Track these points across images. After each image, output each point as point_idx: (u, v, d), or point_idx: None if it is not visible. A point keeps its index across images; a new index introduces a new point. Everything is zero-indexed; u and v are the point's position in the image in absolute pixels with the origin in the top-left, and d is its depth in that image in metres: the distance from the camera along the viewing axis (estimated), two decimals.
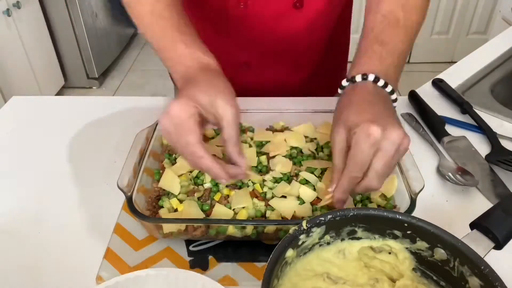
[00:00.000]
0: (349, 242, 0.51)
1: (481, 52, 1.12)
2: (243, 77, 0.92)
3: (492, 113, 0.88)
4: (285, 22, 0.84)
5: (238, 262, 0.59)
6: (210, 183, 0.64)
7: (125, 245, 0.61)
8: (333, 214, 0.48)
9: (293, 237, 0.46)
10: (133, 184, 0.60)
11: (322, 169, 0.66)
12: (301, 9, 0.82)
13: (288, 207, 0.60)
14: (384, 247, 0.51)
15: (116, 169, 0.62)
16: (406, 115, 0.87)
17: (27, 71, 2.39)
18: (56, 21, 2.61)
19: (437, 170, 0.73)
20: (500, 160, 0.74)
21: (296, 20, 0.84)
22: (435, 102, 0.90)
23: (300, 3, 0.81)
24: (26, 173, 0.75)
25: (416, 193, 0.58)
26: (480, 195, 0.69)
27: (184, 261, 0.59)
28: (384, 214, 0.48)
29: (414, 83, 1.20)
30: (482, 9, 2.93)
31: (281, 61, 0.91)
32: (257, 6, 0.81)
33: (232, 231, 0.57)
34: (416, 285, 0.48)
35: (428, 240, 0.47)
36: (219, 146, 0.70)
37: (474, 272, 0.43)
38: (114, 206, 0.67)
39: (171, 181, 0.63)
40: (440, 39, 3.06)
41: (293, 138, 0.72)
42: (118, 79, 3.06)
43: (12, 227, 0.64)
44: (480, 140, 0.81)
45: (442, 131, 0.81)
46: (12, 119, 0.90)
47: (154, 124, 0.72)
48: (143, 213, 0.57)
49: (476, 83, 0.99)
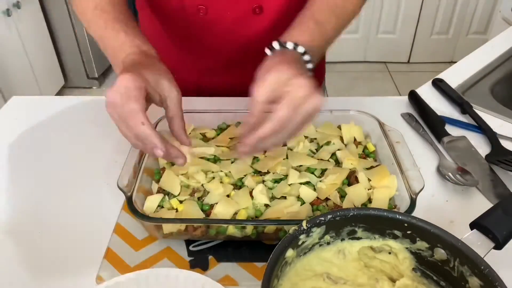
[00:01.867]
0: (349, 242, 0.51)
1: (481, 52, 1.12)
2: (209, 82, 0.94)
3: (492, 113, 0.88)
4: (245, 27, 0.84)
5: (238, 262, 0.59)
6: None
7: (125, 245, 0.61)
8: (333, 214, 0.48)
9: (293, 237, 0.46)
10: (133, 184, 0.60)
11: (322, 169, 0.66)
12: (260, 14, 0.82)
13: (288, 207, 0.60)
14: (384, 247, 0.51)
15: (116, 169, 0.62)
16: (406, 115, 0.87)
17: (27, 71, 2.39)
18: (56, 21, 2.60)
19: (437, 170, 0.73)
20: (500, 160, 0.74)
21: (257, 24, 0.84)
22: (435, 102, 0.90)
23: (259, 9, 0.82)
24: (26, 173, 0.75)
25: (416, 193, 0.58)
26: (480, 195, 0.69)
27: (184, 261, 0.59)
28: (384, 214, 0.48)
29: (414, 83, 1.20)
30: (482, 9, 2.93)
31: (245, 65, 0.91)
32: (216, 13, 0.82)
33: (232, 231, 0.57)
34: (416, 285, 0.48)
35: (428, 240, 0.47)
36: (219, 146, 0.71)
37: (474, 272, 0.43)
38: (114, 206, 0.67)
39: (171, 181, 0.63)
40: (440, 39, 3.06)
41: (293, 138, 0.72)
42: None
43: (12, 227, 0.64)
44: (480, 140, 0.81)
45: (442, 131, 0.81)
46: (12, 119, 0.90)
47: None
48: (143, 213, 0.57)
49: (476, 83, 0.99)
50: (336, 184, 0.63)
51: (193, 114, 0.76)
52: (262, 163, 0.67)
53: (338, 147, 0.71)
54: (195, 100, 0.91)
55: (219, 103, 0.88)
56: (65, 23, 2.61)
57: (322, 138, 0.72)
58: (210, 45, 0.88)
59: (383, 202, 0.61)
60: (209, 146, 0.70)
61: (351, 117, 0.75)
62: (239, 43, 0.87)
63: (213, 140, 0.73)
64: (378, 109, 0.79)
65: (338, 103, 0.93)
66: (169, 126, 0.60)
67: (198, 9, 0.81)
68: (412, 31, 3.00)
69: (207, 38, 0.87)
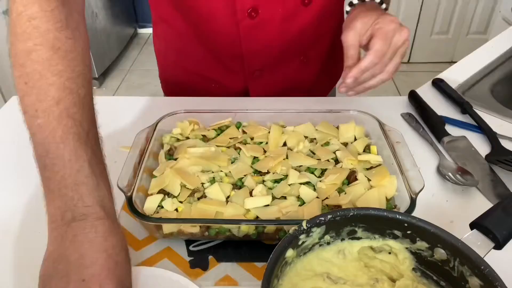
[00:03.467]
0: (349, 242, 0.51)
1: (481, 52, 1.12)
2: (256, 83, 0.93)
3: (492, 113, 0.88)
4: (294, 21, 0.84)
5: (238, 262, 0.59)
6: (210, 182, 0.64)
7: None
8: (333, 214, 0.48)
9: (293, 237, 0.46)
10: (133, 184, 0.60)
11: (322, 169, 0.66)
12: (309, 5, 0.82)
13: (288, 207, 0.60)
14: (384, 247, 0.51)
15: (116, 169, 0.62)
16: (406, 115, 0.87)
17: None
18: None
19: (437, 170, 0.73)
20: (500, 160, 0.74)
21: (305, 16, 0.84)
22: (435, 102, 0.90)
23: (308, 0, 0.82)
24: (26, 173, 0.75)
25: (416, 193, 0.58)
26: (480, 195, 0.69)
27: (184, 261, 0.59)
28: (384, 214, 0.48)
29: (414, 83, 1.20)
30: (482, 9, 2.93)
31: (291, 59, 0.91)
32: (267, 13, 0.81)
33: (246, 229, 0.57)
34: (416, 285, 0.48)
35: (428, 240, 0.47)
36: (219, 146, 0.71)
37: (474, 272, 0.43)
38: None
39: (171, 182, 0.63)
40: (440, 39, 3.06)
41: (293, 138, 0.72)
42: (118, 79, 3.06)
43: (12, 227, 0.64)
44: (480, 140, 0.81)
45: (442, 131, 0.81)
46: (12, 119, 0.90)
47: (154, 124, 0.72)
48: (143, 213, 0.57)
49: (476, 83, 0.99)
50: (336, 184, 0.63)
51: (194, 114, 0.76)
52: (262, 163, 0.67)
53: (337, 147, 0.71)
54: (195, 100, 0.91)
55: (220, 103, 0.88)
56: None
57: (322, 138, 0.72)
58: (260, 46, 0.87)
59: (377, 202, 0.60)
60: (209, 146, 0.70)
61: (351, 117, 0.75)
62: (287, 38, 0.87)
63: (213, 140, 0.72)
64: (378, 109, 0.79)
65: (338, 103, 0.93)
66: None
67: (248, 13, 0.80)
68: (412, 31, 3.00)
69: (257, 40, 0.86)
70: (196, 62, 0.93)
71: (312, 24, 0.85)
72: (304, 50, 0.91)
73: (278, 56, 0.89)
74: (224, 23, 0.83)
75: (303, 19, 0.84)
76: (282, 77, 0.93)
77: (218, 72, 0.93)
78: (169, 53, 0.97)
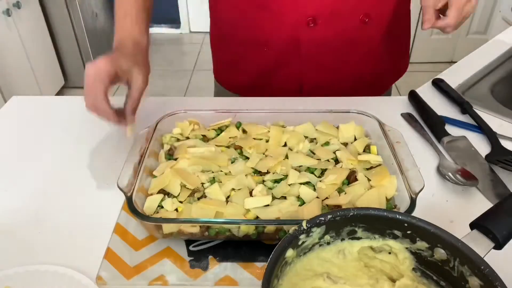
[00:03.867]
0: (349, 242, 0.51)
1: (481, 52, 1.12)
2: (308, 35, 0.88)
3: (492, 113, 0.88)
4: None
5: (238, 262, 0.59)
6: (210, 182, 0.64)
7: (125, 245, 0.61)
8: (333, 214, 0.48)
9: (293, 237, 0.46)
10: (133, 184, 0.60)
11: (322, 169, 0.66)
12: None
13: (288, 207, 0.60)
14: (384, 247, 0.51)
15: (116, 169, 0.62)
16: (406, 115, 0.87)
17: (27, 71, 2.39)
18: (56, 21, 2.61)
19: (437, 170, 0.73)
20: (500, 160, 0.74)
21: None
22: (435, 102, 0.90)
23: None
24: (26, 173, 0.75)
25: (416, 193, 0.58)
26: (480, 195, 0.69)
27: (184, 261, 0.59)
28: (384, 214, 0.48)
29: (414, 83, 1.20)
30: (482, 9, 2.93)
31: (349, 14, 0.88)
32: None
33: (246, 229, 0.57)
34: (416, 285, 0.48)
35: (428, 240, 0.47)
36: (219, 146, 0.71)
37: (474, 272, 0.43)
38: (114, 206, 0.67)
39: (171, 182, 0.63)
40: (440, 39, 3.06)
41: (293, 138, 0.72)
42: None
43: (12, 227, 0.64)
44: (480, 140, 0.81)
45: (442, 131, 0.81)
46: (12, 119, 0.90)
47: (154, 124, 0.72)
48: (143, 213, 0.57)
49: (476, 83, 0.99)
50: (336, 184, 0.63)
51: (194, 114, 0.76)
52: (262, 163, 0.67)
53: (337, 147, 0.71)
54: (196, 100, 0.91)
55: (220, 103, 0.88)
56: (65, 23, 2.61)
57: (322, 138, 0.72)
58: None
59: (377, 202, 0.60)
60: (209, 146, 0.70)
61: (351, 117, 0.75)
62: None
63: (213, 140, 0.73)
64: (378, 109, 0.79)
65: (338, 103, 0.93)
66: (124, 103, 0.70)
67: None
68: (412, 31, 3.00)
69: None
70: (251, 21, 0.91)
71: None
72: (364, 7, 0.88)
73: (333, 4, 0.85)
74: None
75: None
76: (339, 33, 0.89)
77: (266, 25, 0.89)
78: (224, 21, 0.97)
